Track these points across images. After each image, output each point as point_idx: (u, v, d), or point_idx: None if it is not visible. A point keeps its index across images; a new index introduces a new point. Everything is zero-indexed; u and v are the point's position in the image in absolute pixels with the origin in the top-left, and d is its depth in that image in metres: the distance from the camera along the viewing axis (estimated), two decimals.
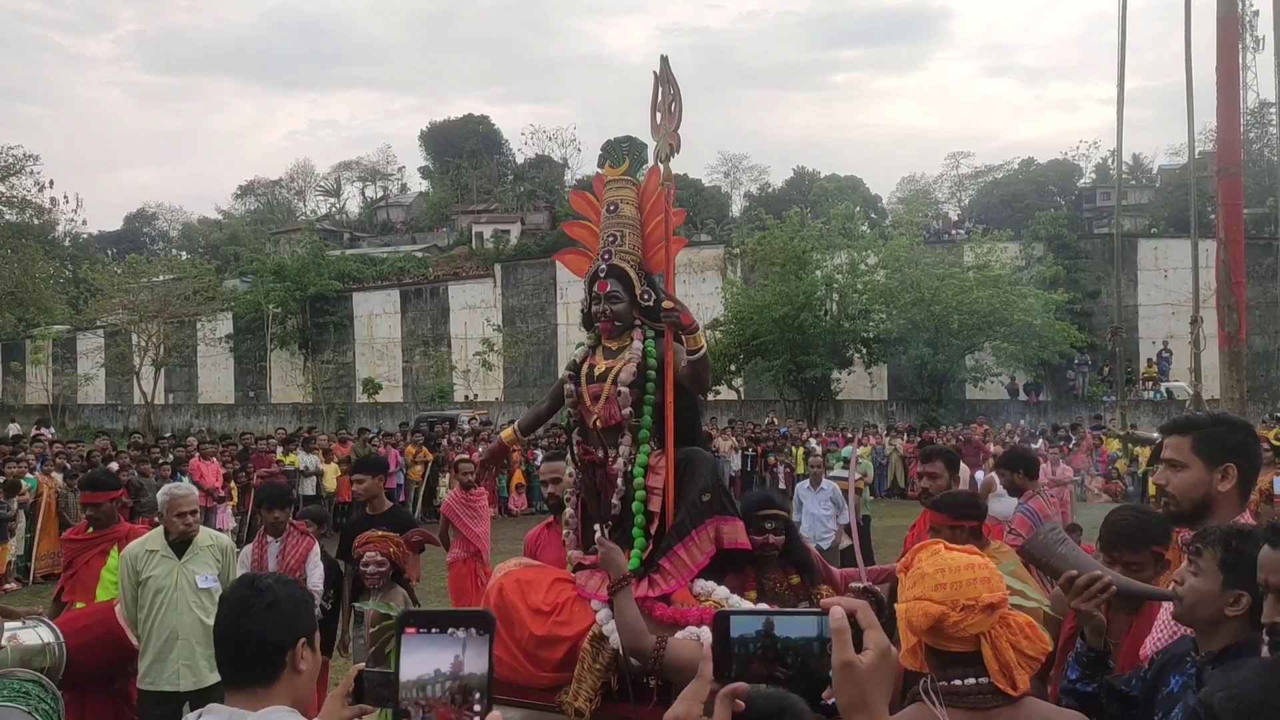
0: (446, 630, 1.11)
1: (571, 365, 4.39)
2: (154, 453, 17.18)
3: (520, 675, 4.09)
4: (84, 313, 45.04)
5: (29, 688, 4.63)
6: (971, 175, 67.03)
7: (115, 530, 5.77)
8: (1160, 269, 36.67)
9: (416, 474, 20.04)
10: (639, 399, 4.11)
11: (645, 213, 4.36)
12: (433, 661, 1.10)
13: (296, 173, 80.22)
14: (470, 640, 1.11)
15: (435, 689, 1.10)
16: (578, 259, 4.57)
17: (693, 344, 4.03)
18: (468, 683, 1.10)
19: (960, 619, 2.08)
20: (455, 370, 42.99)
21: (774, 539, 4.35)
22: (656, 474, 4.11)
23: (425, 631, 1.11)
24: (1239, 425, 3.03)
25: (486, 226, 56.85)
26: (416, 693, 1.09)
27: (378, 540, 4.97)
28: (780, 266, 33.23)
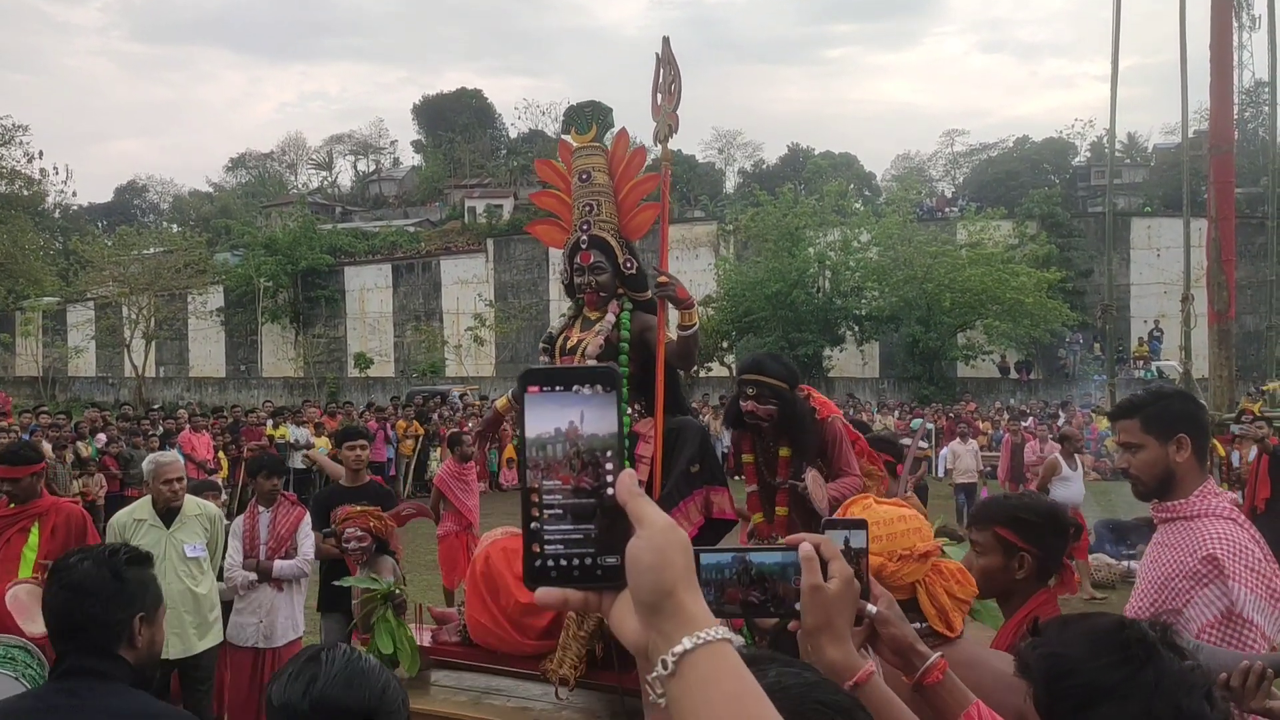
0: (571, 388, 1.04)
1: (547, 338, 4.40)
2: (144, 425, 17.15)
3: (505, 643, 4.11)
4: (74, 285, 44.84)
5: (15, 653, 4.63)
6: (966, 153, 66.95)
7: (36, 505, 5.25)
8: (1153, 248, 36.70)
9: (408, 448, 20.05)
10: None
11: (618, 179, 4.33)
12: (553, 420, 1.03)
13: (288, 146, 79.76)
14: (596, 398, 1.04)
15: (555, 449, 1.03)
16: (550, 229, 4.55)
17: (686, 320, 4.02)
18: (591, 443, 1.03)
19: (897, 568, 2.15)
20: (447, 345, 42.93)
21: (757, 407, 4.32)
22: (646, 443, 4.11)
23: (548, 390, 1.04)
24: (1179, 395, 3.11)
25: (479, 201, 56.54)
26: (537, 452, 1.02)
27: (357, 515, 4.97)
28: (773, 243, 33.21)
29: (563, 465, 1.01)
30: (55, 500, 5.50)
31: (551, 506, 1.00)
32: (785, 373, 4.36)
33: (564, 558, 1.00)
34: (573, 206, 4.31)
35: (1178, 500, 2.83)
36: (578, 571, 1.00)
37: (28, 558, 5.13)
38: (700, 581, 1.24)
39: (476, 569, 4.17)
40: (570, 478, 1.01)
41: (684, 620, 0.93)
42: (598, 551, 1.00)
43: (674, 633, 0.92)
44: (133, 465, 14.85)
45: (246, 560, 5.68)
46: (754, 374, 4.31)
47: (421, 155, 72.58)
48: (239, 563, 5.66)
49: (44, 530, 5.19)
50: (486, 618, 4.12)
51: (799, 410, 4.35)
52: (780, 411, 4.29)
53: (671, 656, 0.91)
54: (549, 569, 1.00)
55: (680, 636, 0.92)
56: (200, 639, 5.21)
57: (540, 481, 1.01)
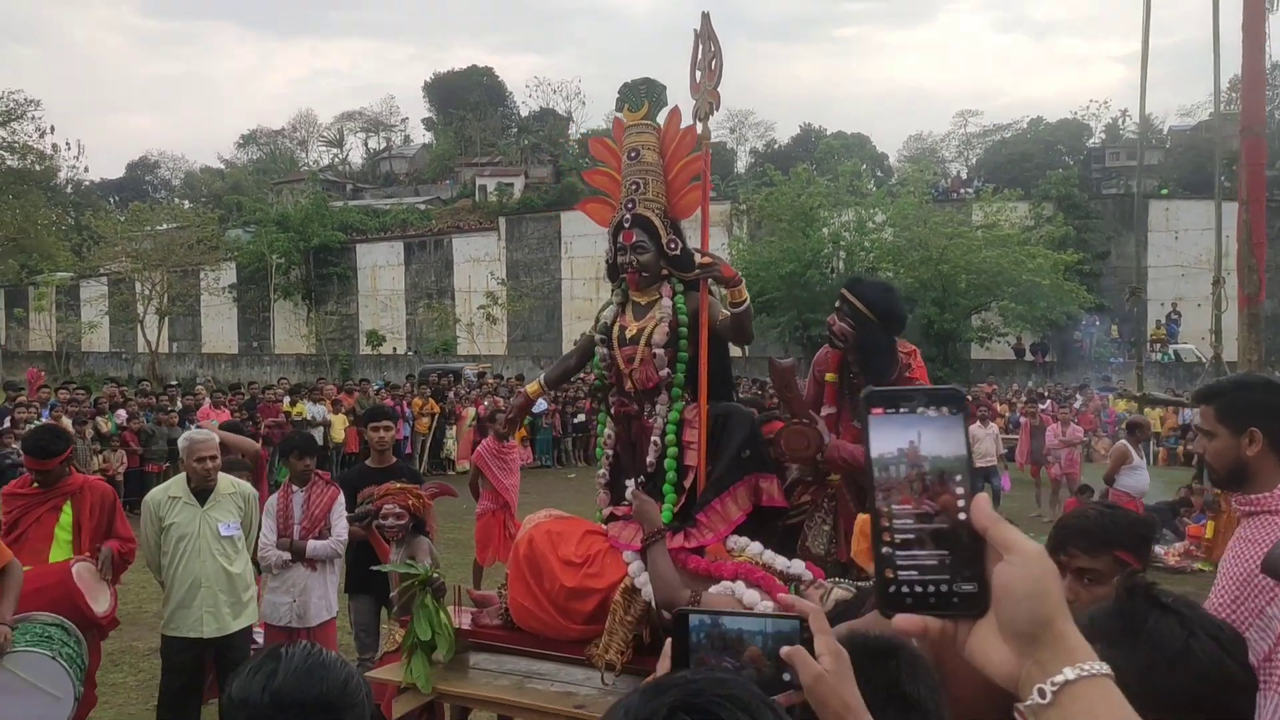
0: (915, 409, 1.01)
1: (603, 329, 4.29)
2: (162, 400, 17.17)
3: (549, 627, 4.08)
4: (87, 260, 44.85)
5: (52, 631, 4.62)
6: (979, 134, 66.48)
7: (68, 483, 5.22)
8: (1171, 230, 36.40)
9: (424, 426, 20.04)
10: (674, 358, 4.05)
11: (668, 158, 4.25)
12: (895, 441, 1.00)
13: (299, 122, 79.62)
14: (940, 420, 1.01)
15: (897, 471, 1.00)
16: (600, 207, 4.47)
17: (736, 297, 3.95)
18: (937, 464, 1.00)
19: None
20: (459, 323, 42.89)
21: (836, 321, 4.25)
22: (691, 428, 4.06)
23: (892, 412, 1.00)
24: (1263, 385, 2.93)
25: (490, 179, 56.35)
26: (880, 473, 0.99)
27: (397, 493, 4.92)
28: (787, 223, 33.02)
29: (907, 487, 0.99)
30: (85, 479, 5.48)
31: (902, 531, 0.98)
32: (880, 304, 4.24)
33: (919, 584, 0.98)
34: (621, 184, 4.24)
35: (1259, 494, 2.73)
36: (934, 599, 0.98)
37: (60, 537, 5.11)
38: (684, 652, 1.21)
39: (520, 552, 4.13)
40: (914, 499, 0.98)
41: (1064, 650, 0.92)
42: (953, 578, 0.97)
43: (1052, 663, 0.91)
44: (153, 441, 14.88)
45: (280, 540, 5.65)
46: (847, 289, 4.26)
47: (432, 133, 72.33)
48: (273, 542, 5.63)
49: (78, 510, 5.16)
50: (530, 601, 4.08)
51: (874, 343, 4.23)
52: (855, 336, 4.18)
53: (1051, 686, 0.90)
54: (904, 595, 0.98)
55: (1060, 667, 0.91)
56: (235, 618, 5.19)
57: (888, 505, 0.98)
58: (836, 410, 4.40)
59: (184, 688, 5.20)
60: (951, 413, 1.00)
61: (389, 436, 6.66)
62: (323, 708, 1.63)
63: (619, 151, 4.28)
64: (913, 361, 4.36)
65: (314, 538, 5.67)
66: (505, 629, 4.32)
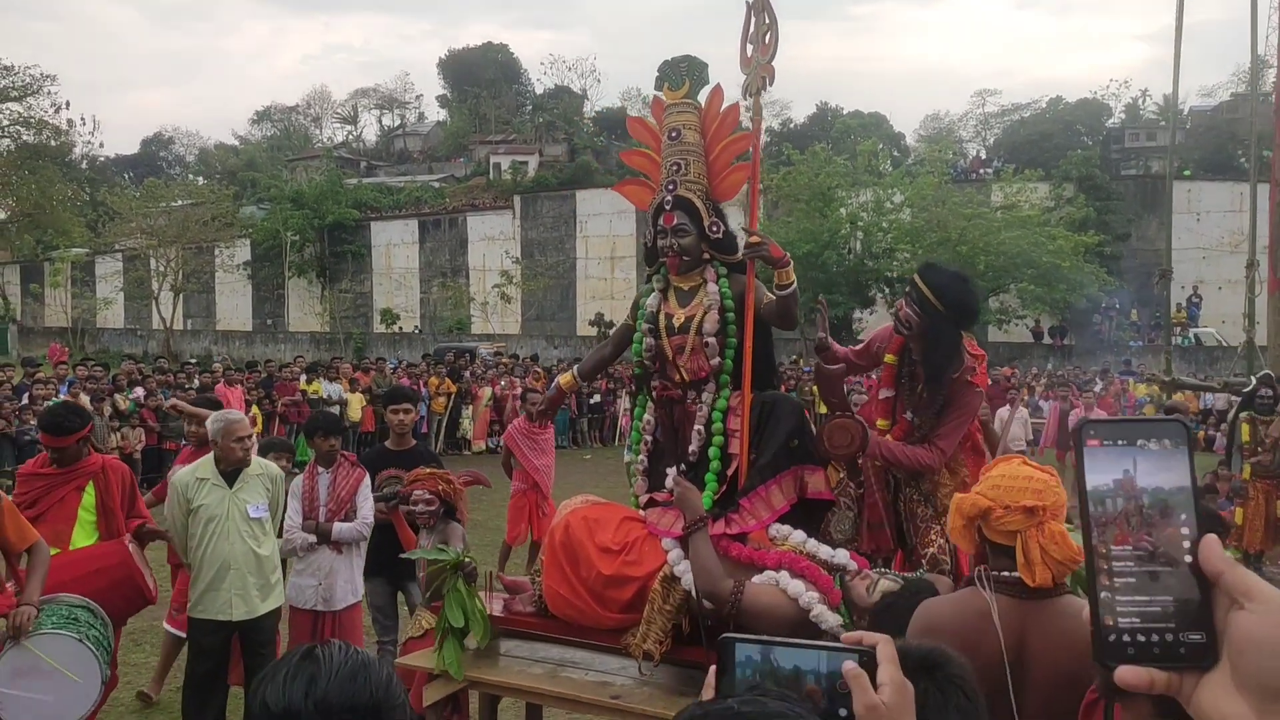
0: (1135, 442, 0.92)
1: (649, 318, 4.17)
2: (179, 378, 17.13)
3: (585, 615, 3.99)
4: (103, 236, 44.89)
5: (78, 614, 4.55)
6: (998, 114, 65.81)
7: (88, 463, 5.14)
8: (1193, 212, 35.98)
9: (440, 406, 19.98)
10: (723, 345, 3.95)
11: (709, 138, 4.14)
12: (1110, 472, 0.91)
13: (313, 99, 79.41)
14: (1160, 453, 0.92)
15: (1113, 504, 0.91)
16: (638, 189, 4.36)
17: (784, 279, 3.83)
18: (1156, 498, 0.91)
19: (1002, 515, 2.52)
20: (473, 302, 42.83)
21: (903, 306, 4.01)
22: (734, 416, 3.96)
23: (1109, 444, 0.92)
24: None
25: (504, 157, 56.14)
26: (1095, 507, 0.91)
27: (427, 478, 4.83)
28: (804, 204, 32.77)
29: (1124, 521, 0.91)
30: (104, 459, 5.43)
31: (1122, 574, 0.90)
32: (950, 293, 3.94)
33: (1141, 633, 0.89)
34: (661, 166, 4.12)
35: None
36: (1158, 649, 0.89)
37: (83, 518, 5.06)
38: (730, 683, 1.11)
39: (556, 538, 4.04)
40: (1132, 535, 0.90)
41: None
42: (1179, 626, 0.88)
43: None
44: (171, 419, 14.84)
45: (306, 522, 5.57)
46: (919, 275, 4.02)
47: (447, 110, 72.09)
48: (298, 524, 5.55)
49: (101, 491, 5.11)
50: (566, 588, 3.99)
51: (938, 335, 3.97)
52: (920, 324, 3.94)
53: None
54: (1125, 645, 0.89)
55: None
56: (263, 601, 5.11)
57: (1106, 544, 0.90)
58: (894, 394, 4.21)
59: (210, 671, 5.14)
60: (1174, 445, 0.92)
61: (410, 419, 6.58)
62: (370, 711, 1.55)
63: (658, 132, 4.16)
64: (978, 366, 4.14)
65: (339, 520, 5.59)
66: (539, 616, 4.24)
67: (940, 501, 4.06)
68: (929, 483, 4.10)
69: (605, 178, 48.68)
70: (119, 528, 5.12)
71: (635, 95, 69.46)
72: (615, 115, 66.99)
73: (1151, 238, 36.35)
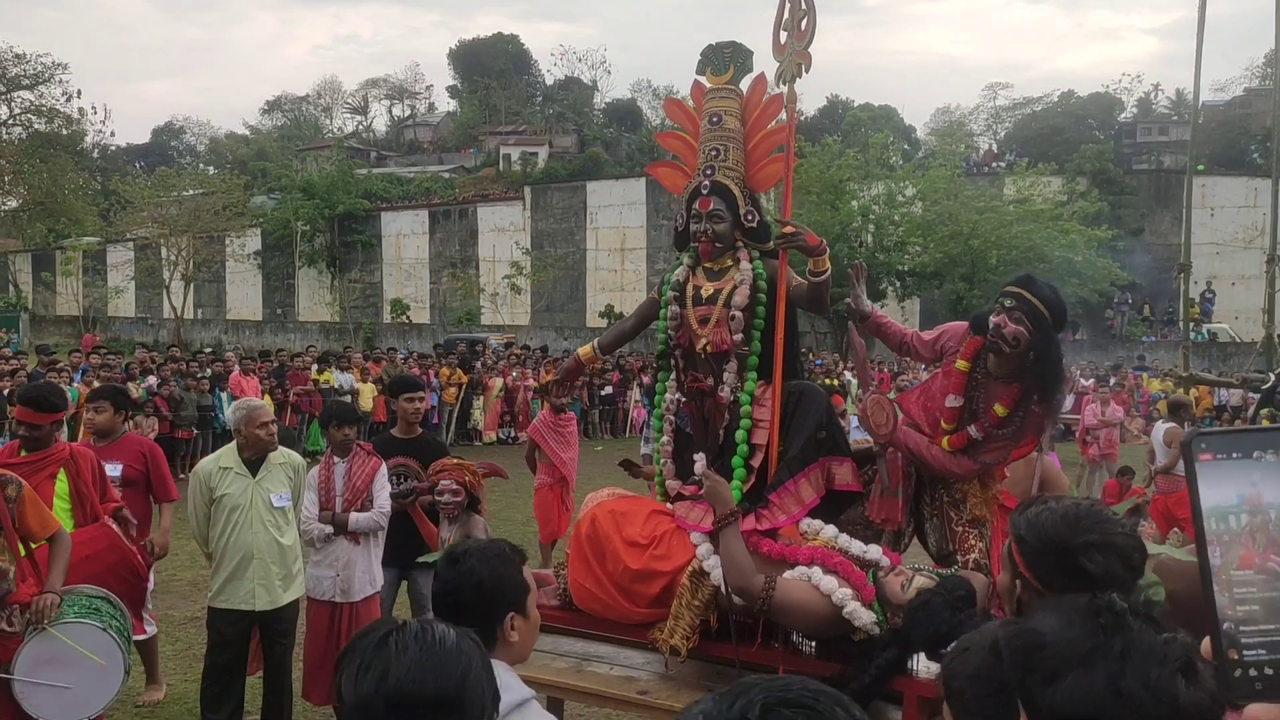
0: (1252, 454, 0.85)
1: (675, 285, 4.13)
2: (191, 366, 17.14)
3: (611, 610, 3.95)
4: (114, 225, 44.93)
5: (99, 604, 4.54)
6: (1009, 107, 65.52)
7: (58, 451, 5.02)
8: (1207, 208, 35.79)
9: (451, 396, 19.97)
10: (749, 325, 3.90)
11: (749, 126, 4.09)
12: (1234, 487, 0.85)
13: (324, 89, 79.40)
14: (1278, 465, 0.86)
15: (1237, 521, 0.85)
16: (672, 173, 4.32)
17: (819, 266, 3.79)
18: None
19: None
20: (483, 293, 42.80)
21: (1006, 321, 3.62)
22: (762, 406, 3.91)
23: (1223, 457, 0.86)
24: None
25: (514, 148, 56.05)
26: (1217, 524, 0.85)
27: (454, 468, 4.78)
28: (816, 196, 32.61)
29: (1250, 540, 0.84)
30: (72, 446, 5.37)
31: (1245, 600, 0.84)
32: (1057, 304, 3.70)
33: (1269, 665, 0.84)
34: (699, 150, 4.07)
35: None
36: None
37: (58, 506, 4.96)
38: None
39: (581, 531, 4.00)
40: (1260, 555, 0.84)
41: None
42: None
43: None
44: (183, 407, 14.86)
45: (322, 513, 5.53)
46: (1019, 287, 3.71)
47: (457, 101, 71.99)
48: (315, 515, 5.51)
49: (74, 478, 5.04)
50: (592, 582, 3.95)
51: (1050, 350, 3.70)
52: (1030, 339, 3.65)
53: None
54: (1252, 680, 0.84)
55: None
56: (285, 591, 5.09)
57: (1227, 567, 0.85)
58: (964, 403, 3.92)
59: (231, 661, 5.12)
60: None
61: (421, 408, 6.54)
62: (448, 704, 1.49)
63: (696, 116, 4.12)
64: None
65: (356, 510, 5.55)
66: (563, 609, 4.20)
67: (970, 510, 3.96)
68: (959, 490, 4.00)
69: (615, 169, 48.61)
70: (94, 512, 5.06)
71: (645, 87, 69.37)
72: (625, 106, 66.87)
73: (1164, 232, 36.18)
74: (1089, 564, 1.88)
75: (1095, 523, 1.92)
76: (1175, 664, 1.22)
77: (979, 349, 3.85)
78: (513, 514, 11.86)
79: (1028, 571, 2.00)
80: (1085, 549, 1.90)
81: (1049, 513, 2.00)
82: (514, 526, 11.12)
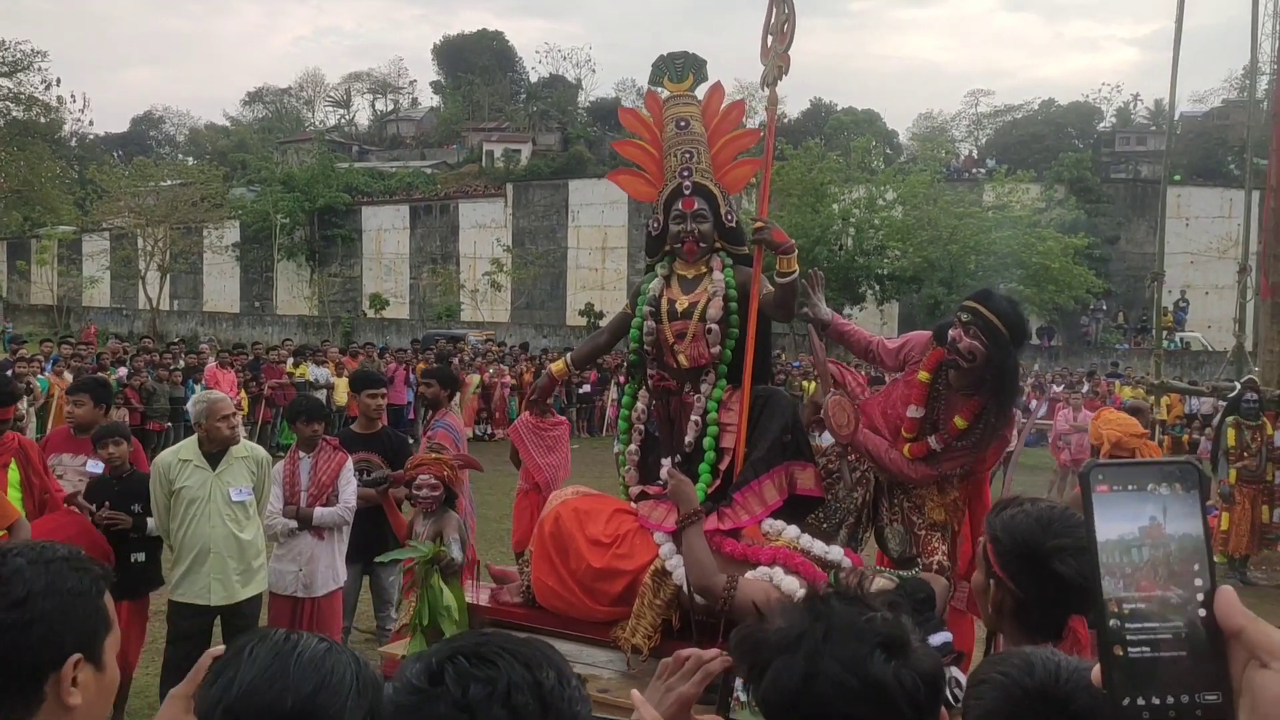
0: (1146, 487, 0.85)
1: (650, 301, 4.12)
2: (165, 358, 16.99)
3: (574, 608, 3.94)
4: (90, 214, 44.56)
5: None
6: (990, 114, 65.95)
7: (8, 440, 4.98)
8: (1182, 217, 36.14)
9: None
10: (724, 334, 3.91)
11: (710, 133, 4.15)
12: (1133, 519, 0.84)
13: (306, 82, 78.88)
14: (1175, 498, 0.85)
15: (1138, 554, 0.84)
16: (633, 180, 4.34)
17: (786, 266, 3.79)
18: (1184, 546, 0.85)
19: None
20: (463, 289, 42.68)
21: (963, 337, 3.65)
22: (730, 410, 3.91)
23: (1119, 489, 0.87)
24: None
25: (497, 145, 55.92)
26: (1119, 557, 0.85)
27: (432, 462, 4.74)
28: (797, 198, 32.72)
29: (1151, 573, 0.84)
30: (18, 436, 5.32)
31: (1138, 632, 0.84)
32: (1014, 318, 3.71)
33: (1157, 695, 0.83)
34: (666, 155, 4.10)
35: None
36: (1173, 712, 0.83)
37: (11, 496, 4.89)
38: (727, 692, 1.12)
39: (545, 529, 3.98)
40: (1158, 588, 0.84)
41: None
42: (1194, 686, 0.83)
43: None
44: (155, 399, 14.73)
45: (287, 507, 5.49)
46: (977, 302, 3.72)
47: (440, 96, 71.76)
48: (279, 509, 5.47)
49: (25, 468, 4.98)
50: (554, 580, 3.93)
51: (1007, 364, 3.71)
52: (986, 356, 3.66)
53: None
54: (1140, 709, 0.83)
55: None
56: (244, 586, 5.04)
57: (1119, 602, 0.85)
58: (925, 413, 3.92)
59: (189, 655, 5.04)
60: (1186, 490, 0.86)
61: (382, 404, 6.61)
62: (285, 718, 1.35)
63: (653, 124, 4.15)
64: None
65: (321, 505, 5.51)
66: (526, 607, 4.18)
67: (929, 515, 3.99)
68: (917, 495, 4.03)
69: (598, 168, 48.54)
70: (52, 501, 5.02)
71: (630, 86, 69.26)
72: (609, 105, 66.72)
73: (1140, 241, 36.49)
74: (1060, 566, 1.90)
75: (1068, 527, 1.94)
76: (874, 640, 1.23)
77: (941, 360, 3.85)
78: (487, 511, 11.79)
79: (1002, 572, 2.02)
80: (1057, 552, 1.91)
81: (1024, 515, 2.02)
82: (488, 524, 11.07)
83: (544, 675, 1.17)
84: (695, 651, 1.58)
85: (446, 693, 1.15)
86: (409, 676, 1.19)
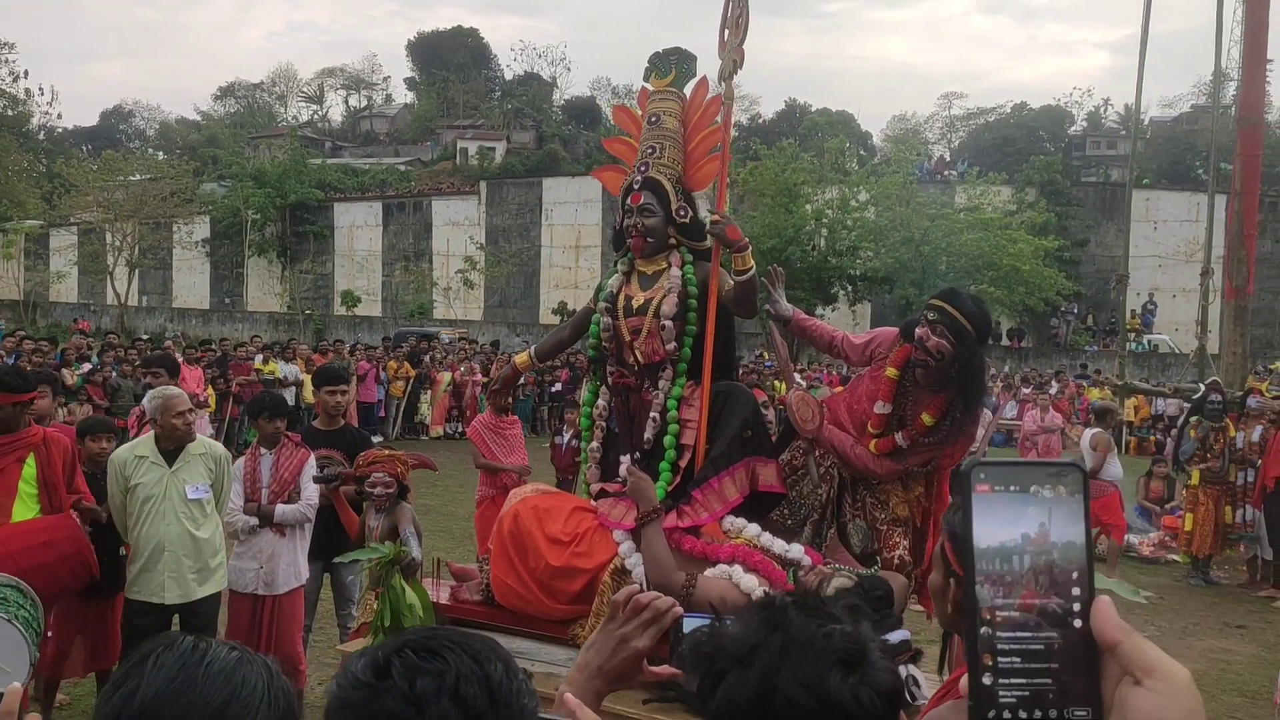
0: (1029, 489, 0.81)
1: (608, 297, 4.10)
2: (130, 354, 16.78)
3: (532, 606, 3.92)
4: (58, 208, 43.94)
5: (7, 593, 4.39)
6: (963, 116, 66.47)
7: (29, 434, 4.86)
8: (1150, 221, 36.50)
9: (398, 390, 19.78)
10: (681, 332, 3.88)
11: (690, 127, 4.12)
12: (1016, 525, 0.80)
13: (278, 77, 78.30)
14: (1059, 502, 0.82)
15: (1020, 562, 0.81)
16: (615, 176, 4.32)
17: (741, 264, 3.79)
18: (1067, 554, 0.81)
19: None
20: (436, 287, 42.48)
21: (929, 335, 3.68)
22: (690, 406, 3.90)
23: (1001, 489, 0.83)
24: None
25: (471, 143, 55.72)
26: (1000, 564, 0.82)
27: (386, 460, 4.71)
28: (770, 199, 32.77)
29: (1033, 581, 0.81)
30: (46, 430, 5.20)
31: (1009, 642, 0.81)
32: (980, 317, 3.74)
33: (1023, 707, 0.80)
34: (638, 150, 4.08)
35: None
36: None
37: (24, 491, 4.84)
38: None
39: (504, 528, 3.96)
40: (1035, 598, 0.81)
41: None
42: (1062, 699, 0.80)
43: None
44: (120, 395, 14.54)
45: (247, 504, 5.42)
46: (943, 300, 3.75)
47: (414, 93, 71.42)
48: (240, 506, 5.40)
49: (43, 464, 4.87)
50: (513, 579, 3.91)
51: (973, 363, 3.74)
52: (953, 354, 3.69)
53: None
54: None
55: None
56: (200, 585, 4.96)
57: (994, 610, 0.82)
58: (892, 409, 3.93)
59: None
60: (1070, 494, 0.83)
61: (345, 400, 6.48)
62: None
63: (641, 121, 4.14)
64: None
65: (282, 502, 5.45)
66: (485, 605, 4.15)
67: (893, 510, 4.00)
68: (881, 490, 4.03)
69: (572, 166, 48.48)
70: (61, 501, 4.93)
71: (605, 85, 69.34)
72: (584, 104, 66.74)
73: (1109, 244, 36.81)
74: None
75: None
76: (833, 657, 1.20)
77: (909, 357, 3.86)
78: (455, 509, 11.76)
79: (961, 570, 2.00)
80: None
81: None
82: (455, 521, 11.04)
83: (492, 668, 1.17)
84: (652, 596, 1.53)
85: (394, 686, 1.14)
86: (355, 671, 1.18)
